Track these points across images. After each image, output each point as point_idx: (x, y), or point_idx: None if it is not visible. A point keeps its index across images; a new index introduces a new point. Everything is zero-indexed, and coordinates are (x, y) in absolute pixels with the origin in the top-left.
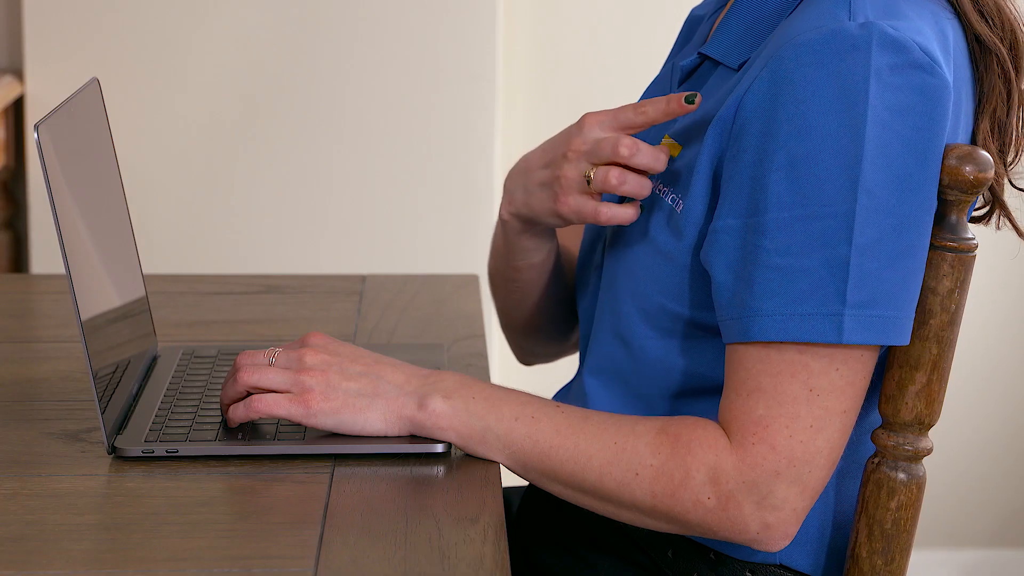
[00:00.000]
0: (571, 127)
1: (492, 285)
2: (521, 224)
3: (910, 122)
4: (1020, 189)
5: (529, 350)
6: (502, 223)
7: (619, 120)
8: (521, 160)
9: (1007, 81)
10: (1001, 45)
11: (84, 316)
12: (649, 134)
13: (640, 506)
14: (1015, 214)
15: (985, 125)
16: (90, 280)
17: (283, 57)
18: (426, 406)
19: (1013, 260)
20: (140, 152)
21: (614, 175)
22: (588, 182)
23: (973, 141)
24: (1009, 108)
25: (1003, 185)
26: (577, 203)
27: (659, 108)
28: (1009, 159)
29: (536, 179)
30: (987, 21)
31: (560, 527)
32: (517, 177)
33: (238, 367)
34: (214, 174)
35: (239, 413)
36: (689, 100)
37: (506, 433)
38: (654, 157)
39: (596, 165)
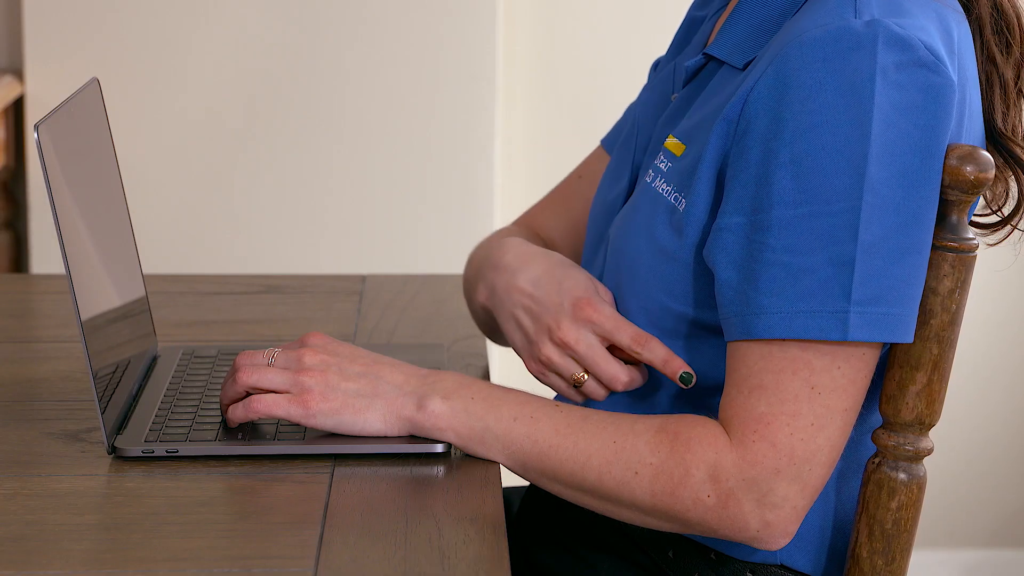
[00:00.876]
0: (566, 291)
1: (470, 305)
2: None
3: (915, 120)
4: None
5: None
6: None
7: (614, 337)
8: (509, 256)
9: (1005, 95)
10: (1007, 66)
11: (84, 316)
12: (655, 134)
13: (640, 505)
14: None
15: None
16: (90, 280)
17: (283, 57)
18: (425, 407)
19: (1014, 260)
20: (140, 152)
21: (601, 396)
22: (576, 384)
23: (989, 131)
24: (1008, 113)
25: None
26: (557, 385)
27: (656, 355)
28: None
29: (512, 313)
30: (1002, 34)
31: (560, 527)
32: (497, 282)
33: (237, 367)
34: (214, 174)
35: (238, 413)
36: (684, 380)
37: (505, 433)
38: (641, 382)
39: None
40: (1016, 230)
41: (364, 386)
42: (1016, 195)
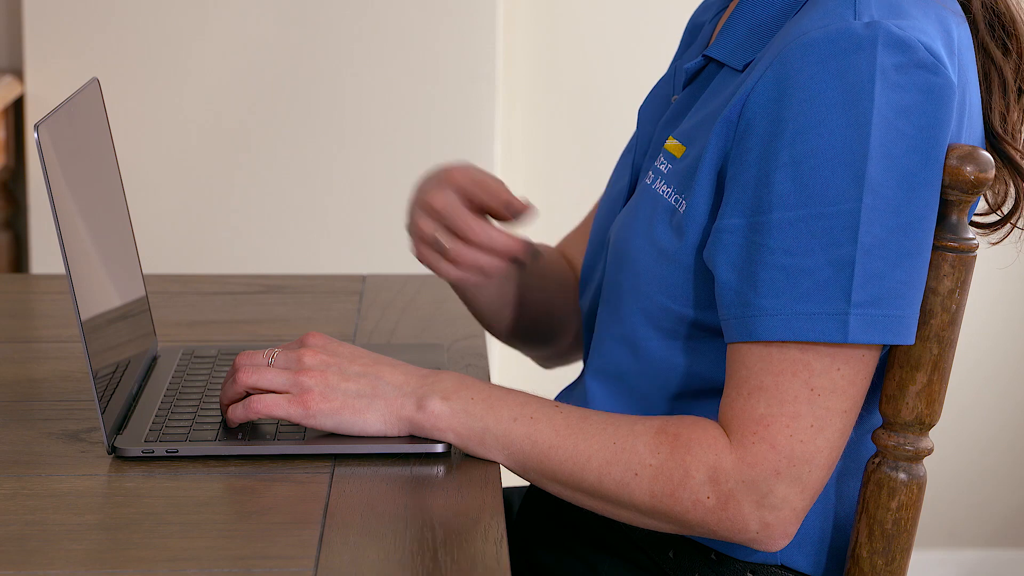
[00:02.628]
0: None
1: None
2: None
3: (914, 121)
4: None
5: (528, 353)
6: None
7: (470, 191)
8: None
9: (1006, 95)
10: (1006, 65)
11: (84, 316)
12: (655, 136)
13: (639, 506)
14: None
15: (998, 115)
16: (90, 280)
17: (283, 57)
18: (425, 407)
19: (1015, 260)
20: (140, 152)
21: (470, 260)
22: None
23: (987, 132)
24: (1007, 113)
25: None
26: (430, 261)
27: (500, 242)
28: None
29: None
30: (998, 34)
31: (560, 527)
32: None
33: (237, 367)
34: (214, 174)
35: (238, 414)
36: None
37: (504, 434)
38: (517, 248)
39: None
40: (1016, 228)
41: (364, 386)
42: (1015, 194)
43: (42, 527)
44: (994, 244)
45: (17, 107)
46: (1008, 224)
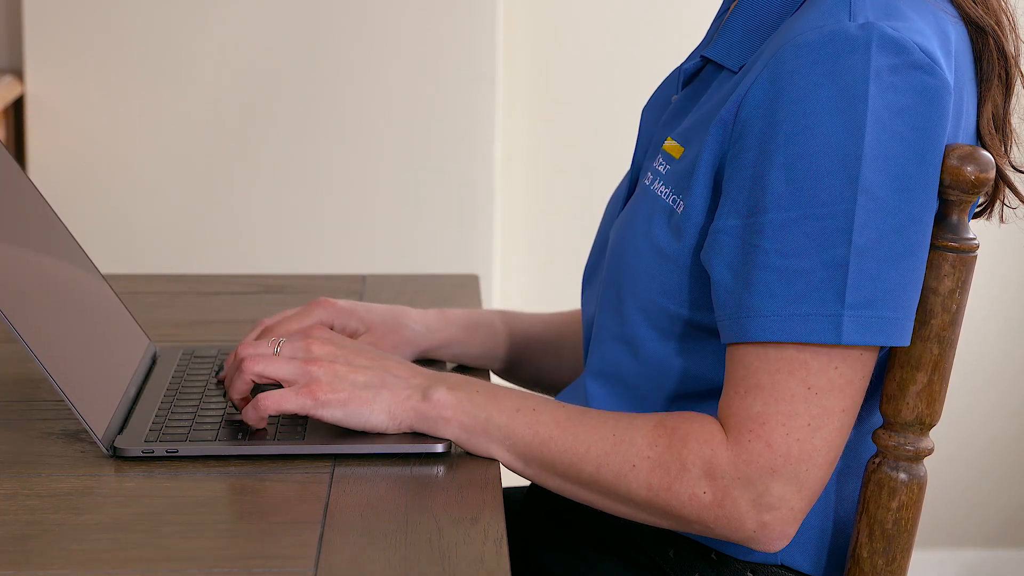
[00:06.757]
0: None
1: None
2: None
3: (909, 122)
4: (1021, 171)
5: None
6: None
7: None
8: None
9: (1005, 60)
10: (995, 25)
11: (44, 356)
12: (654, 136)
13: (637, 499)
14: (1011, 217)
15: (987, 113)
16: (44, 323)
17: (284, 57)
18: (430, 396)
19: (1014, 259)
20: (140, 152)
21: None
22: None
23: (977, 133)
24: (1007, 93)
25: (1003, 172)
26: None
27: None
28: (1007, 147)
29: None
30: (977, 5)
31: (560, 527)
32: None
33: (242, 357)
34: (215, 174)
35: (251, 418)
36: None
37: (507, 423)
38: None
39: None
40: (1005, 189)
41: (371, 378)
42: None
43: (42, 527)
44: (1002, 223)
45: (17, 107)
46: (997, 201)
